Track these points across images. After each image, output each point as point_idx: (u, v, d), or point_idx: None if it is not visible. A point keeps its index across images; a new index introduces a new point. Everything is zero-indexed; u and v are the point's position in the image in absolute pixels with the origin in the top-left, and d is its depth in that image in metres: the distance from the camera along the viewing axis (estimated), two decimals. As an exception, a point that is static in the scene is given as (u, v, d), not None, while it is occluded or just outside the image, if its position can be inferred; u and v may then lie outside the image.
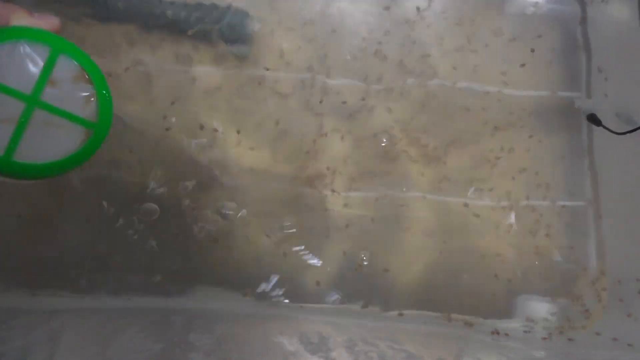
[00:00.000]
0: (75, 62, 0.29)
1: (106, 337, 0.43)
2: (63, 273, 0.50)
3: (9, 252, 0.50)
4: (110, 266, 0.51)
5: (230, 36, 0.55)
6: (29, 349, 0.40)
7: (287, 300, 0.52)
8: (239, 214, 0.53)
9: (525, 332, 0.52)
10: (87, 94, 0.30)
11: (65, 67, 0.29)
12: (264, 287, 0.52)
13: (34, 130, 0.28)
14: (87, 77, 0.29)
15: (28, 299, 0.49)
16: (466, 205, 0.55)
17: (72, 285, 0.50)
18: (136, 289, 0.51)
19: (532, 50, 0.58)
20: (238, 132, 0.54)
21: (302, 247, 0.53)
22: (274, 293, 0.52)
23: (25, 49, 0.28)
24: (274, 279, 0.52)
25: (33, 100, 0.28)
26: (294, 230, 0.53)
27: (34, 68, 0.28)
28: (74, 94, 0.29)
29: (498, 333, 0.52)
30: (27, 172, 0.29)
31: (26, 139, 0.28)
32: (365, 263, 0.54)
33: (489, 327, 0.52)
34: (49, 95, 0.28)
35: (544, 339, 0.52)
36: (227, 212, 0.53)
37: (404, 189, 0.55)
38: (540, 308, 0.53)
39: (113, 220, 0.51)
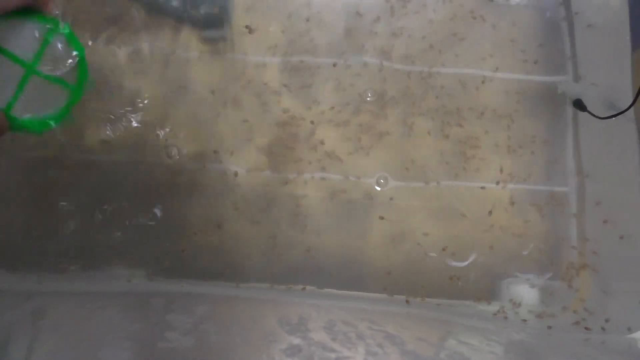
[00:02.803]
0: (66, 40, 0.36)
1: (84, 317, 0.43)
2: (41, 255, 0.50)
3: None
4: (90, 249, 0.51)
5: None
6: (10, 327, 0.40)
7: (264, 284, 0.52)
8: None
9: (506, 314, 0.52)
10: (71, 63, 0.37)
11: (59, 43, 0.36)
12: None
13: (30, 92, 0.35)
14: (73, 52, 0.36)
15: (5, 279, 0.49)
16: (449, 189, 0.55)
17: (51, 267, 0.50)
18: (116, 271, 0.51)
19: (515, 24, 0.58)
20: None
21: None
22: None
23: (30, 27, 0.35)
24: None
25: (31, 68, 0.35)
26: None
27: (35, 43, 0.35)
28: (62, 64, 0.36)
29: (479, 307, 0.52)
30: (22, 126, 0.35)
31: (23, 98, 0.35)
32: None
33: (471, 309, 0.52)
34: (44, 64, 0.36)
35: (525, 321, 0.51)
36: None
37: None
38: (523, 290, 0.53)
39: (94, 205, 0.51)
